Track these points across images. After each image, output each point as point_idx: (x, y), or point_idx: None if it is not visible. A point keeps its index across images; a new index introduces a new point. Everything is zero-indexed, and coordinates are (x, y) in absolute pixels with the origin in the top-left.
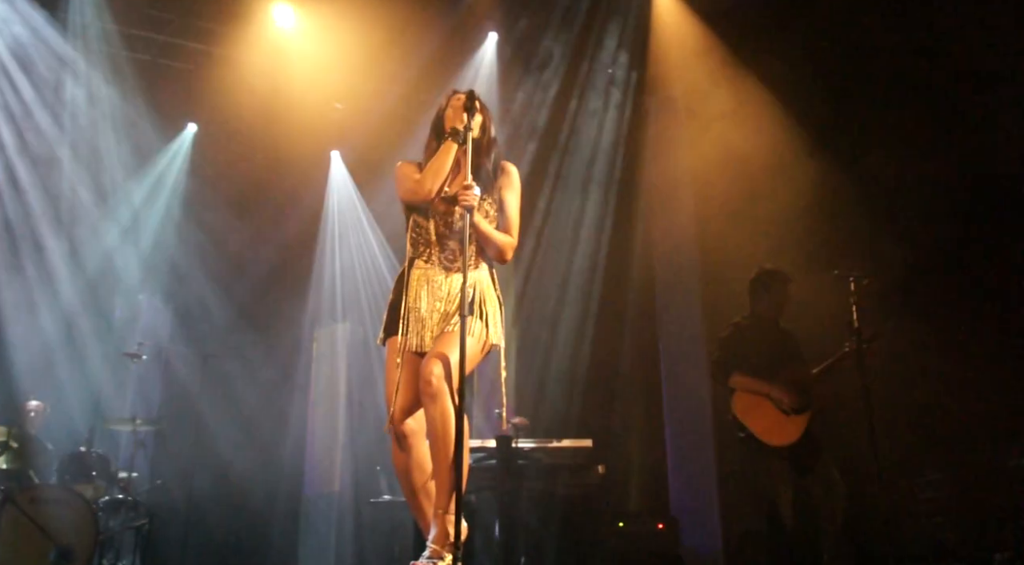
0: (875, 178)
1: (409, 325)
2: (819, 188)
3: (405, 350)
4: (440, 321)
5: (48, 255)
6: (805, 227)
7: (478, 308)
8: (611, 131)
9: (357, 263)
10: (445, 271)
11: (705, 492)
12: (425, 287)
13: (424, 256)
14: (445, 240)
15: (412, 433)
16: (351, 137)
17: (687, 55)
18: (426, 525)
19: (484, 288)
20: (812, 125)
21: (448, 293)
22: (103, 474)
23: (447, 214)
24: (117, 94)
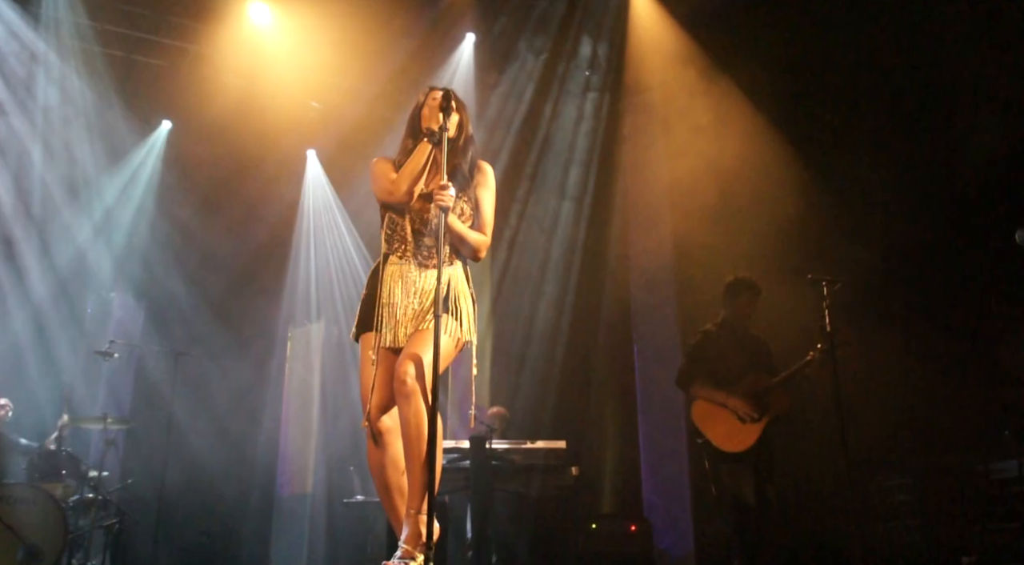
0: (850, 185)
1: (383, 321)
2: (794, 194)
3: (380, 347)
4: (414, 318)
5: (19, 252)
6: (780, 232)
7: (452, 305)
8: (587, 133)
9: (332, 262)
10: (420, 267)
11: (678, 494)
12: (400, 283)
13: (399, 252)
14: (421, 237)
15: (388, 431)
16: (327, 136)
17: (664, 59)
18: (399, 524)
19: (458, 285)
20: (788, 131)
21: (422, 289)
22: (73, 473)
23: (423, 211)
24: (90, 90)
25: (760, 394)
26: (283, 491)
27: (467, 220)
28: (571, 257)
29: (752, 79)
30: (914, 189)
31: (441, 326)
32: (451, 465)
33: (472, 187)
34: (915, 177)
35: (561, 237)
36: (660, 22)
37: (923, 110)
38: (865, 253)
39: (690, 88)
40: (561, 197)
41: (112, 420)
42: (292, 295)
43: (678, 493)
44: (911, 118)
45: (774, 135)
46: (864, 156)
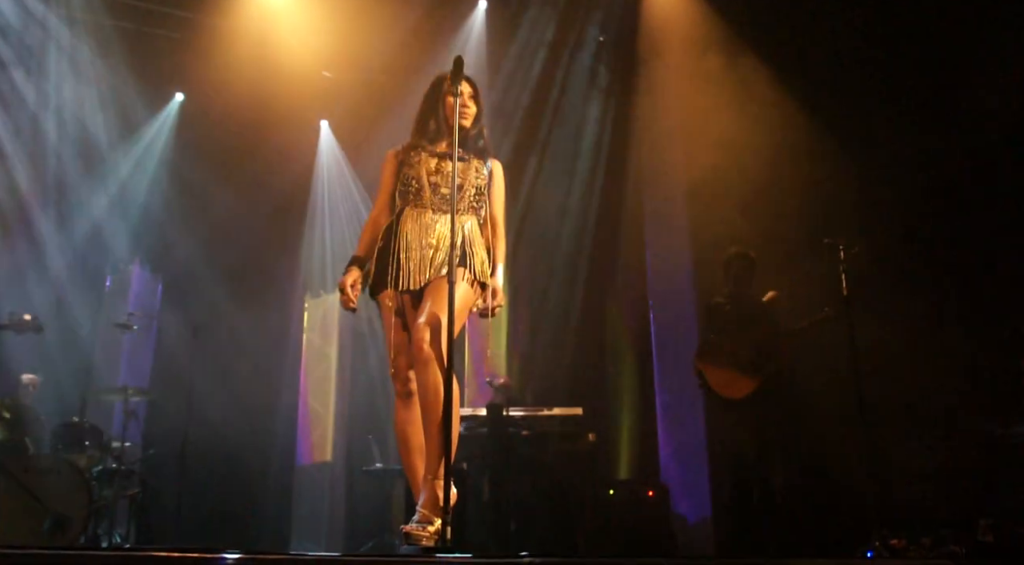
0: (871, 153)
1: (400, 266)
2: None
3: (400, 300)
4: (431, 262)
5: (36, 227)
6: (797, 201)
7: (467, 250)
8: (600, 103)
9: (347, 232)
10: (436, 212)
11: (695, 460)
12: (416, 228)
13: (414, 202)
14: (437, 187)
15: (415, 391)
16: (340, 106)
17: (679, 26)
18: (417, 485)
19: (472, 233)
20: (808, 102)
21: (439, 234)
22: (96, 444)
23: (439, 164)
24: (102, 64)
25: (762, 345)
26: (303, 460)
27: (482, 178)
28: (585, 223)
29: (767, 44)
30: (937, 156)
31: (456, 276)
32: (468, 432)
33: (487, 162)
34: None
35: (575, 204)
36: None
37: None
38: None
39: (706, 56)
40: (574, 165)
41: (133, 392)
42: (308, 265)
43: (695, 458)
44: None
45: (793, 104)
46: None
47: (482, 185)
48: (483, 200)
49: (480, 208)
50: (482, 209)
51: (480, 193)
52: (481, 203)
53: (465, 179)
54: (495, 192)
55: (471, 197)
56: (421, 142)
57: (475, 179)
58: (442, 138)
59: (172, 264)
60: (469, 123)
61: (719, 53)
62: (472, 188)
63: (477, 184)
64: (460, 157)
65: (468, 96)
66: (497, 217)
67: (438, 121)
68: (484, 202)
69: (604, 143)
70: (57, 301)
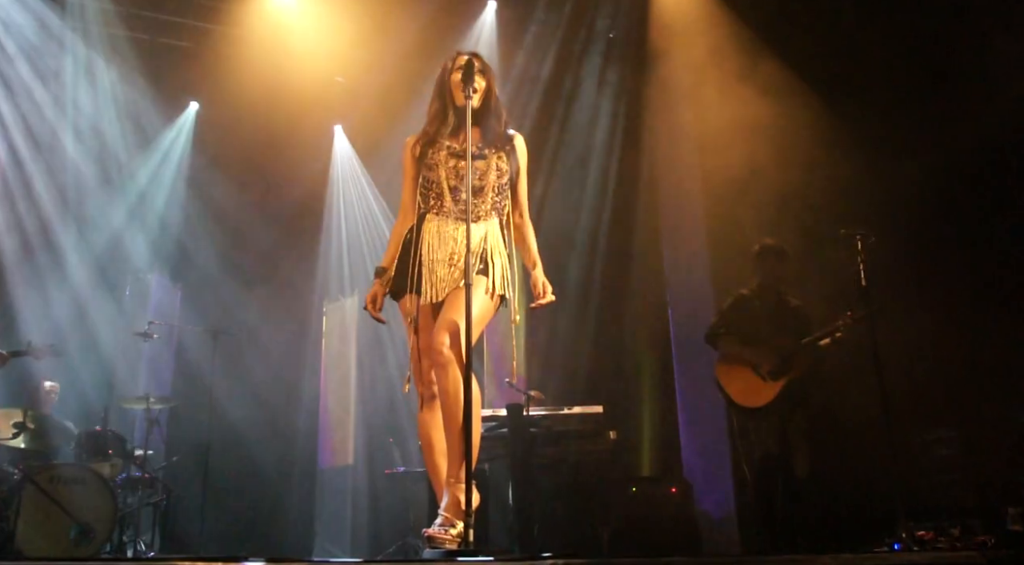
0: (883, 142)
1: (423, 278)
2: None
3: (422, 305)
4: (451, 273)
5: (56, 238)
6: (813, 192)
7: (488, 260)
8: (611, 97)
9: (363, 236)
10: (457, 221)
11: (718, 455)
12: (438, 238)
13: (435, 208)
14: (457, 193)
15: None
16: (353, 110)
17: (690, 18)
18: (440, 486)
19: (494, 241)
20: (819, 89)
21: (459, 244)
22: (119, 452)
23: (458, 167)
24: (118, 75)
25: (784, 355)
26: (324, 464)
27: (503, 176)
28: (600, 221)
29: (781, 37)
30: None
31: (476, 286)
32: (489, 433)
33: (507, 148)
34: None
35: (589, 201)
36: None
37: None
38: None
39: (716, 47)
40: (587, 161)
41: (154, 399)
42: (325, 269)
43: (718, 454)
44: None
45: (804, 95)
46: (898, 113)
47: (504, 183)
48: (505, 198)
49: (503, 207)
50: (504, 207)
51: (502, 191)
52: (503, 202)
53: (485, 180)
54: (521, 176)
55: (492, 198)
56: (438, 134)
57: (496, 178)
58: (460, 129)
59: (191, 272)
60: (480, 98)
61: (732, 48)
62: (492, 189)
63: (498, 184)
64: (479, 155)
65: (477, 69)
66: (523, 204)
67: (445, 102)
68: (506, 199)
69: (617, 141)
70: (79, 311)
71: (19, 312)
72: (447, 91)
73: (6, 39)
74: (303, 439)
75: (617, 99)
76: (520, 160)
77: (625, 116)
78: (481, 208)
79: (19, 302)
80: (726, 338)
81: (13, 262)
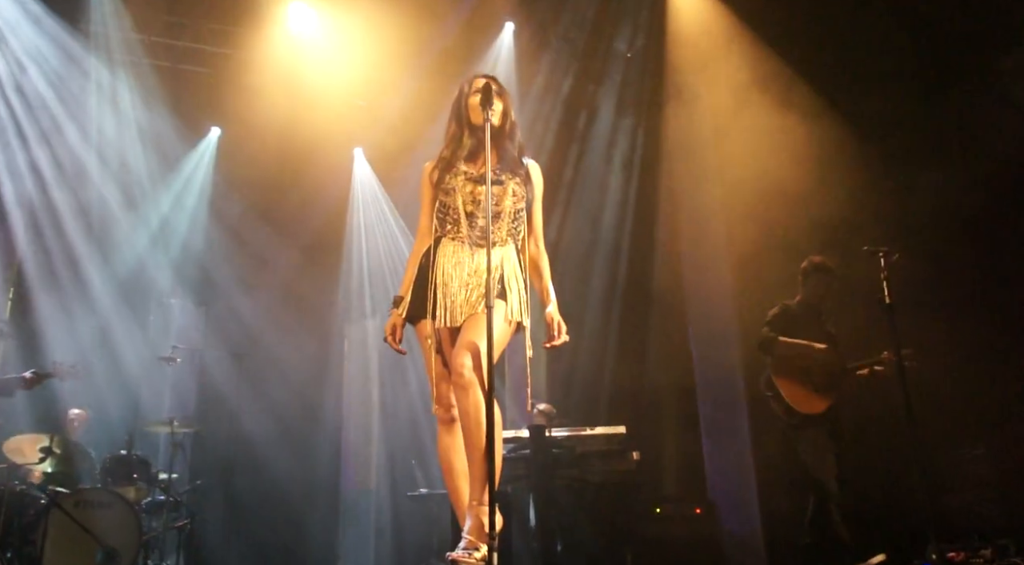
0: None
1: (438, 302)
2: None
3: (438, 329)
4: (468, 299)
5: (81, 264)
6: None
7: (505, 285)
8: (631, 117)
9: (384, 258)
10: (473, 247)
11: (742, 474)
12: (454, 264)
13: (451, 234)
14: (474, 218)
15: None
16: (373, 133)
17: (708, 38)
18: (462, 509)
19: (511, 266)
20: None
21: (476, 270)
22: (144, 476)
23: (474, 193)
24: (141, 102)
25: (832, 374)
26: (347, 486)
27: (519, 201)
28: (619, 241)
29: (801, 57)
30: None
31: (495, 311)
32: (511, 455)
33: (524, 174)
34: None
35: (609, 219)
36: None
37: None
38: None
39: (737, 67)
40: (606, 181)
41: (178, 423)
42: (346, 292)
43: (742, 472)
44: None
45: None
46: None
47: (520, 209)
48: (521, 223)
49: (518, 233)
50: (520, 233)
51: (518, 217)
52: (519, 227)
53: (501, 205)
54: (536, 203)
55: (509, 224)
56: (454, 158)
57: (512, 204)
58: (476, 153)
59: (213, 296)
60: (498, 120)
61: (752, 68)
62: (509, 215)
63: (515, 209)
64: (496, 180)
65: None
66: (538, 232)
67: (462, 124)
68: (522, 224)
69: (636, 157)
70: (103, 336)
71: (45, 338)
72: (464, 114)
73: (31, 67)
74: (326, 462)
75: (636, 116)
76: (536, 188)
77: (645, 133)
78: (497, 234)
79: (45, 328)
80: (782, 341)
81: (39, 288)
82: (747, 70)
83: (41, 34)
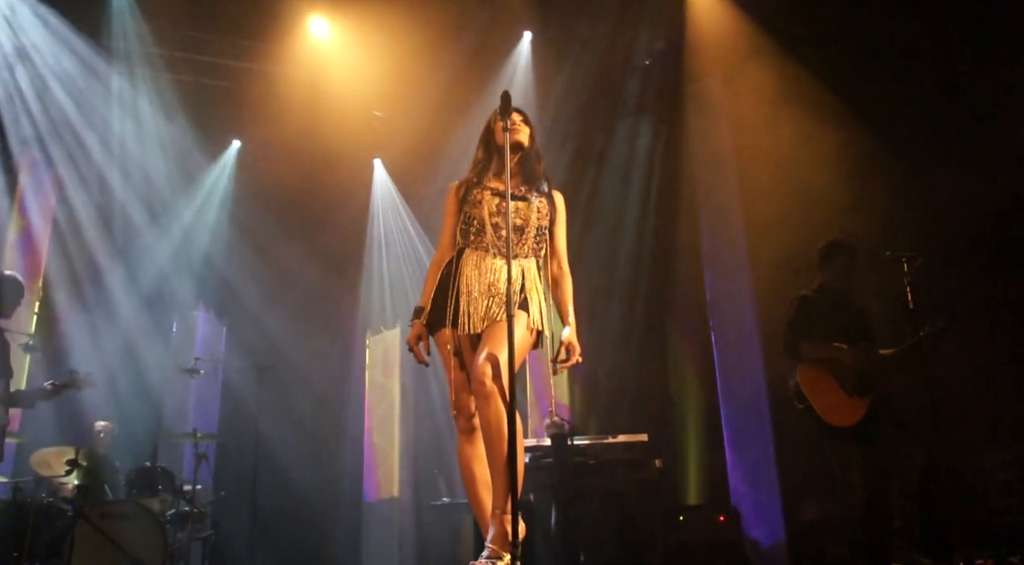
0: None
1: (460, 310)
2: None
3: (460, 337)
4: (489, 307)
5: (105, 277)
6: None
7: (527, 295)
8: (650, 122)
9: (405, 268)
10: (497, 257)
11: (766, 481)
12: (476, 272)
13: (475, 243)
14: (499, 229)
15: (478, 426)
16: (393, 144)
17: (725, 41)
18: (484, 518)
19: (532, 278)
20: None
21: (499, 278)
22: (168, 488)
23: (501, 205)
24: (163, 116)
25: (866, 369)
26: (370, 496)
27: (544, 218)
28: (641, 246)
29: (818, 56)
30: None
31: (516, 320)
32: (534, 463)
33: (550, 194)
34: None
35: (630, 227)
36: (718, 3)
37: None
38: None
39: (758, 74)
40: (627, 189)
41: (202, 435)
42: (368, 303)
43: (766, 480)
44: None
45: (846, 116)
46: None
47: (544, 226)
48: (544, 240)
49: (541, 250)
50: (543, 250)
51: (541, 233)
52: (542, 244)
53: (527, 220)
54: (559, 227)
55: (532, 239)
56: (483, 178)
57: (536, 219)
58: (503, 172)
59: (235, 307)
60: (526, 140)
61: (770, 70)
62: (533, 229)
63: (539, 225)
64: (522, 196)
65: (519, 120)
66: (562, 254)
67: (490, 149)
68: (544, 242)
69: (656, 164)
70: (127, 349)
71: (70, 351)
72: (491, 139)
73: (54, 84)
74: (349, 472)
75: (656, 123)
76: (560, 214)
77: (664, 141)
78: (520, 248)
79: (70, 341)
80: (807, 344)
81: (64, 302)
82: (768, 77)
83: (64, 50)
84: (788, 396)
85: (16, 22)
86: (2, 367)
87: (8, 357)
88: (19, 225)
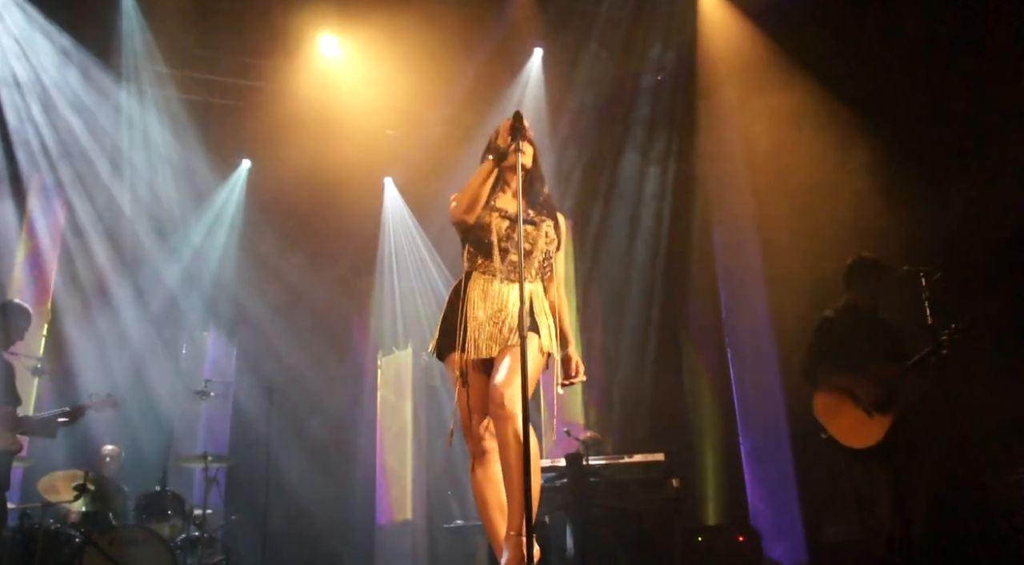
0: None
1: (467, 335)
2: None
3: (468, 362)
4: (499, 333)
5: (114, 299)
6: (873, 228)
7: (536, 319)
8: (662, 136)
9: (416, 288)
10: (503, 282)
11: (786, 501)
12: (484, 297)
13: (482, 268)
14: (506, 254)
15: (490, 449)
16: (403, 162)
17: (738, 56)
18: (497, 541)
19: (540, 301)
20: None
21: (506, 304)
22: (178, 512)
23: (509, 229)
24: (172, 136)
25: (889, 383)
26: (383, 519)
27: (551, 243)
28: (655, 263)
29: (830, 68)
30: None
31: (527, 342)
32: (549, 484)
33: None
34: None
35: (643, 244)
36: (730, 19)
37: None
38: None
39: (766, 81)
40: (639, 206)
41: (212, 458)
42: (379, 323)
43: (786, 499)
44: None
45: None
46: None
47: (551, 251)
48: (549, 265)
49: (546, 273)
50: (547, 274)
51: (548, 257)
52: (548, 268)
53: (535, 245)
54: (561, 253)
55: (539, 263)
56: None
57: (544, 244)
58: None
59: (245, 328)
60: (529, 161)
61: (783, 85)
62: (541, 254)
63: (547, 250)
64: (530, 220)
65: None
66: (560, 279)
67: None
68: (550, 268)
69: (669, 180)
70: (136, 371)
71: (79, 374)
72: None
73: (62, 103)
74: (360, 495)
75: (668, 140)
76: (564, 238)
77: (676, 157)
78: (528, 272)
79: (78, 364)
80: (824, 369)
81: (72, 324)
82: (782, 92)
83: (73, 71)
84: (810, 416)
85: (26, 44)
86: (9, 394)
87: (14, 383)
88: (28, 247)
